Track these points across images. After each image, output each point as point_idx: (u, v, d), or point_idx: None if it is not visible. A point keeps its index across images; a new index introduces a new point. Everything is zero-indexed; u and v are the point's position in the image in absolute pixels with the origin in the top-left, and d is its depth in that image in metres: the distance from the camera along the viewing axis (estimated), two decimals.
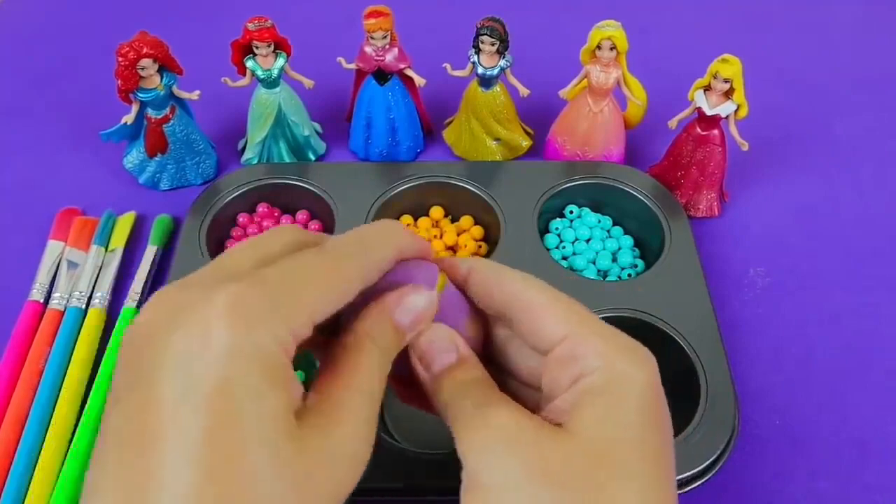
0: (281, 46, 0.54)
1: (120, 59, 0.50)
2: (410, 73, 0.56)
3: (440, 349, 0.27)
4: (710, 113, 0.51)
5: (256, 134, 0.57)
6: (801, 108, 0.66)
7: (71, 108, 0.66)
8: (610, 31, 0.51)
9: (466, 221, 0.55)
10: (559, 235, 0.54)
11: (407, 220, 0.55)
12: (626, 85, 0.54)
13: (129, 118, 0.54)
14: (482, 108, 0.57)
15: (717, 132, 0.53)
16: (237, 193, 0.54)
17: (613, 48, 0.52)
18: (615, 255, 0.53)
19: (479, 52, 0.54)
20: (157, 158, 0.56)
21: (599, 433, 0.24)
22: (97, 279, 0.51)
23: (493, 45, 0.53)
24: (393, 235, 0.28)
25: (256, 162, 0.58)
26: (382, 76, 0.56)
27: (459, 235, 0.54)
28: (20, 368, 0.46)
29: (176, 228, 0.55)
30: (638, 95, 0.55)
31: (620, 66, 0.53)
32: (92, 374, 0.46)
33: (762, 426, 0.45)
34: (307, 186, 0.54)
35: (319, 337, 0.26)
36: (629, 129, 0.58)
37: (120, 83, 0.51)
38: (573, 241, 0.53)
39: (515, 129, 0.60)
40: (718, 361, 0.43)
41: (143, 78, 0.52)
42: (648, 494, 0.23)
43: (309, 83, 0.57)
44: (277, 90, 0.56)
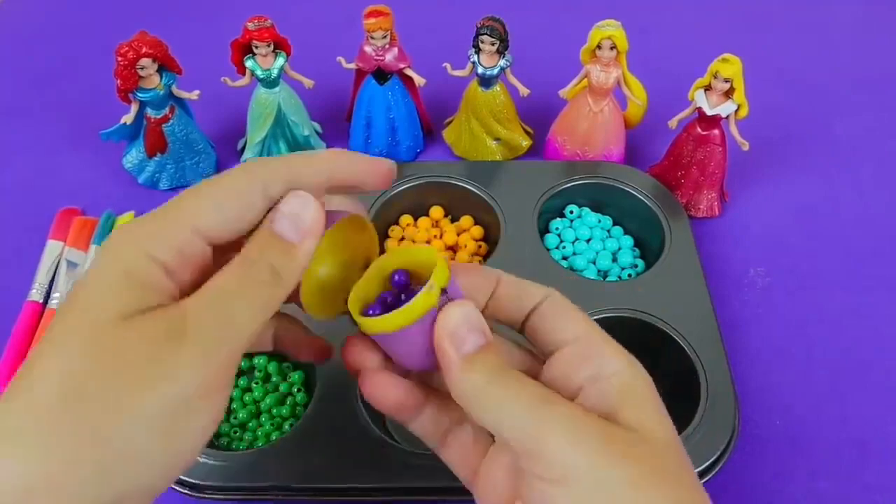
0: (281, 46, 0.54)
1: (120, 58, 0.50)
2: (410, 72, 0.56)
3: (472, 328, 0.26)
4: (710, 113, 0.51)
5: (256, 134, 0.57)
6: (801, 108, 0.66)
7: (71, 108, 0.66)
8: (610, 30, 0.51)
9: (466, 221, 0.54)
10: (559, 235, 0.54)
11: (407, 220, 0.55)
12: (626, 85, 0.54)
13: (128, 118, 0.54)
14: (482, 107, 0.57)
15: (717, 132, 0.53)
16: None
17: (613, 48, 0.52)
18: (615, 255, 0.53)
19: (479, 51, 0.54)
20: (156, 158, 0.56)
21: (657, 431, 0.25)
22: None
23: (493, 44, 0.53)
24: (327, 154, 0.27)
25: None
26: (382, 76, 0.56)
27: (459, 235, 0.54)
28: (20, 368, 0.46)
29: None
30: (638, 95, 0.55)
31: (620, 65, 0.53)
32: None
33: (762, 426, 0.45)
34: None
35: None
36: (629, 128, 0.58)
37: (120, 83, 0.51)
38: (573, 241, 0.53)
39: (515, 128, 0.60)
40: (718, 361, 0.43)
41: (142, 78, 0.52)
42: (698, 485, 0.25)
43: (309, 83, 0.57)
44: (277, 90, 0.56)
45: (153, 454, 0.22)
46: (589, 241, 0.53)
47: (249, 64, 0.54)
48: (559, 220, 0.55)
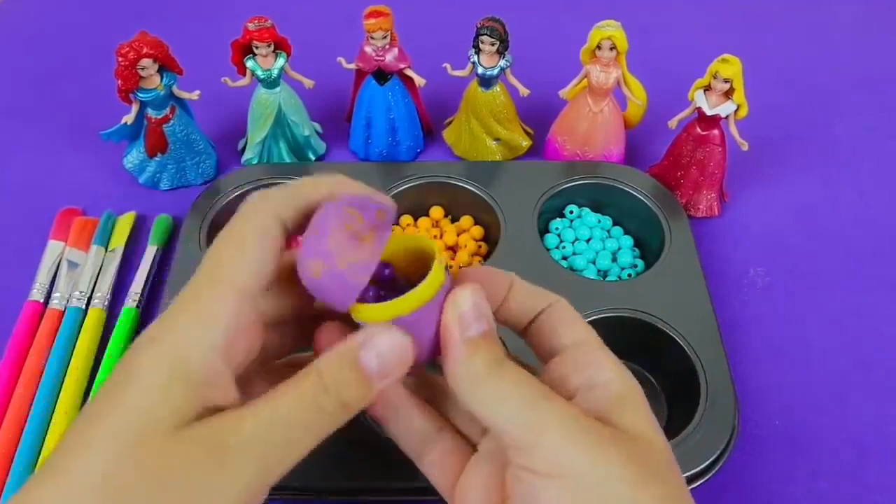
0: (281, 46, 0.54)
1: (120, 59, 0.50)
2: (410, 73, 0.56)
3: (479, 313, 0.26)
4: (710, 113, 0.51)
5: (256, 134, 0.57)
6: (801, 108, 0.66)
7: (71, 108, 0.66)
8: (610, 31, 0.51)
9: (466, 221, 0.55)
10: (559, 235, 0.54)
11: (407, 220, 0.55)
12: (626, 85, 0.54)
13: (129, 118, 0.54)
14: (482, 108, 0.57)
15: (717, 132, 0.53)
16: (237, 193, 0.53)
17: (613, 48, 0.52)
18: (615, 255, 0.53)
19: (479, 52, 0.54)
20: (157, 158, 0.56)
21: (652, 436, 0.26)
22: (97, 279, 0.51)
23: (493, 45, 0.53)
24: (334, 180, 0.26)
25: (256, 162, 0.58)
26: (382, 76, 0.56)
27: (459, 235, 0.54)
28: (20, 368, 0.46)
29: (176, 228, 0.55)
30: (638, 95, 0.55)
31: (620, 66, 0.53)
32: (92, 374, 0.46)
33: (762, 426, 0.45)
34: None
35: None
36: (629, 129, 0.58)
37: (120, 83, 0.51)
38: (573, 241, 0.53)
39: (515, 129, 0.60)
40: (718, 361, 0.43)
41: (143, 78, 0.52)
42: (685, 487, 0.26)
43: (309, 83, 0.57)
44: (277, 90, 0.56)
45: None
46: (589, 241, 0.53)
47: (250, 64, 0.54)
48: (559, 220, 0.55)
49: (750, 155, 0.55)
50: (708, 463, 0.40)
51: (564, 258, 0.52)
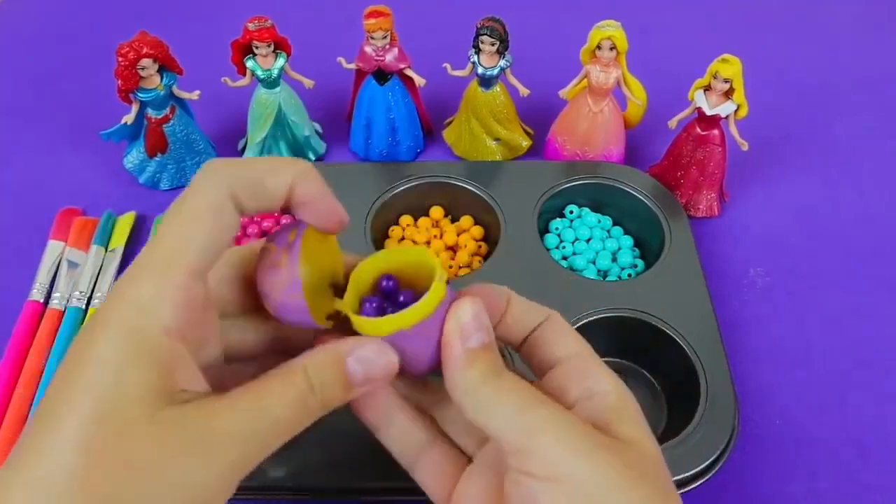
0: (281, 46, 0.54)
1: (120, 59, 0.50)
2: (410, 73, 0.56)
3: (480, 325, 0.26)
4: (710, 113, 0.51)
5: (256, 134, 0.57)
6: (801, 108, 0.66)
7: (71, 108, 0.66)
8: (610, 31, 0.51)
9: (466, 221, 0.55)
10: (559, 235, 0.54)
11: (407, 220, 0.55)
12: (626, 85, 0.54)
13: (129, 118, 0.54)
14: (482, 108, 0.57)
15: (717, 132, 0.53)
16: None
17: (613, 48, 0.52)
18: (615, 255, 0.53)
19: (479, 52, 0.54)
20: (157, 158, 0.56)
21: (646, 444, 0.26)
22: (97, 279, 0.51)
23: (493, 45, 0.53)
24: (295, 167, 0.25)
25: None
26: (382, 76, 0.56)
27: (459, 235, 0.54)
28: (20, 368, 0.46)
29: None
30: (638, 95, 0.55)
31: (620, 66, 0.53)
32: None
33: (762, 426, 0.45)
34: None
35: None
36: (629, 129, 0.58)
37: (120, 83, 0.51)
38: (573, 241, 0.53)
39: (515, 129, 0.60)
40: (718, 361, 0.43)
41: (143, 78, 0.52)
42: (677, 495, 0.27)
43: (309, 83, 0.57)
44: (277, 90, 0.56)
45: None
46: (589, 241, 0.53)
47: (250, 64, 0.54)
48: (559, 220, 0.55)
49: (750, 155, 0.55)
50: (708, 463, 0.40)
51: (564, 258, 0.52)
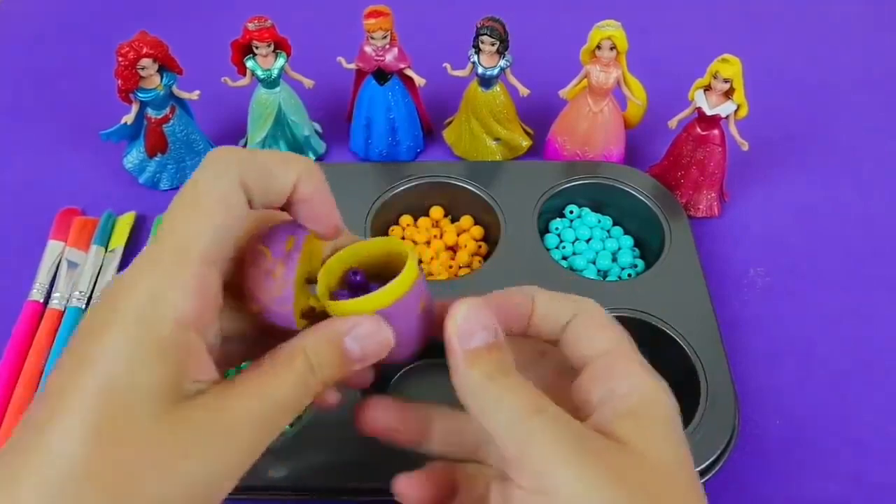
0: (281, 46, 0.54)
1: (120, 59, 0.50)
2: (410, 73, 0.56)
3: (479, 324, 0.26)
4: (710, 113, 0.51)
5: (256, 134, 0.57)
6: (801, 108, 0.66)
7: (71, 108, 0.66)
8: (610, 31, 0.51)
9: (466, 221, 0.55)
10: (559, 235, 0.54)
11: (407, 220, 0.55)
12: (626, 85, 0.54)
13: (129, 118, 0.54)
14: (482, 108, 0.57)
15: (717, 132, 0.53)
16: None
17: (613, 48, 0.52)
18: (615, 255, 0.53)
19: (479, 52, 0.54)
20: (157, 158, 0.56)
21: (653, 451, 0.24)
22: (97, 279, 0.51)
23: (493, 45, 0.53)
24: (303, 165, 0.25)
25: None
26: (382, 76, 0.56)
27: (459, 235, 0.54)
28: (20, 368, 0.46)
29: None
30: (638, 95, 0.55)
31: (620, 66, 0.53)
32: None
33: (762, 426, 0.45)
34: None
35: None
36: (629, 129, 0.58)
37: (120, 83, 0.51)
38: (573, 241, 0.53)
39: (515, 129, 0.60)
40: (718, 361, 0.43)
41: (143, 78, 0.52)
42: None
43: (309, 83, 0.57)
44: (277, 90, 0.56)
45: None
46: (589, 241, 0.53)
47: (250, 64, 0.54)
48: (559, 220, 0.55)
49: (750, 155, 0.55)
50: (708, 463, 0.40)
51: (564, 258, 0.52)
